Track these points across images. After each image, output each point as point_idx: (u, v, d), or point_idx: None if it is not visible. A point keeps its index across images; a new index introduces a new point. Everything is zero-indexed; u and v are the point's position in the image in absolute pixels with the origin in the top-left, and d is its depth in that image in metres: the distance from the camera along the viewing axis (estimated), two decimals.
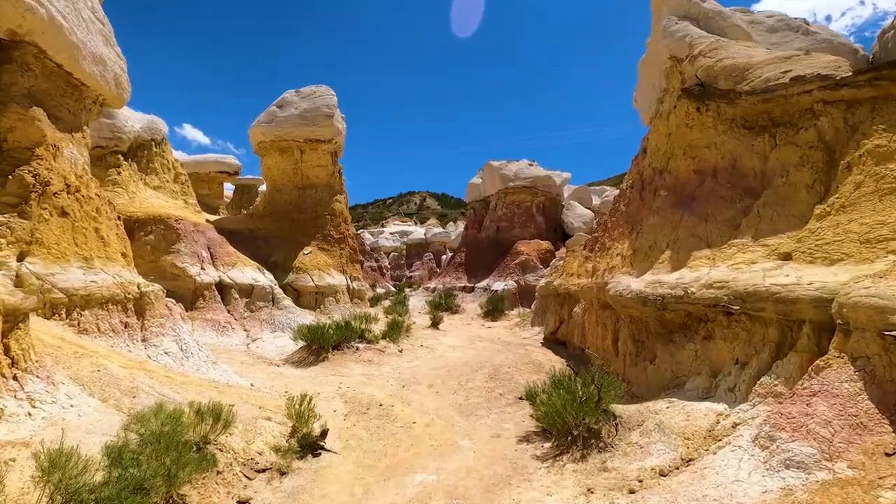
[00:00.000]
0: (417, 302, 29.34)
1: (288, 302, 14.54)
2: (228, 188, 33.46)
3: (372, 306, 26.68)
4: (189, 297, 12.95)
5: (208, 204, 25.54)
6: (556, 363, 11.99)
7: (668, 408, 5.91)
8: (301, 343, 11.13)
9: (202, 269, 13.46)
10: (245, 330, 12.87)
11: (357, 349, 11.54)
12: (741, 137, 8.47)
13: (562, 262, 17.71)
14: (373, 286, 37.65)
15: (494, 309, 22.30)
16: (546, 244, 29.19)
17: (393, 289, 40.44)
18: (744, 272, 6.29)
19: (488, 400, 8.29)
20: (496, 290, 25.89)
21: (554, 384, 6.73)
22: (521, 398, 8.52)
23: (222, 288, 13.77)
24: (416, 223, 76.86)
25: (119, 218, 8.96)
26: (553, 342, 15.73)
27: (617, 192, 44.44)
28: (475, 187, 36.56)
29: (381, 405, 7.53)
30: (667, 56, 10.90)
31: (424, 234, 59.35)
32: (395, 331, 13.47)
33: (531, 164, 34.58)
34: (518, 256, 27.84)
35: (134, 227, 13.44)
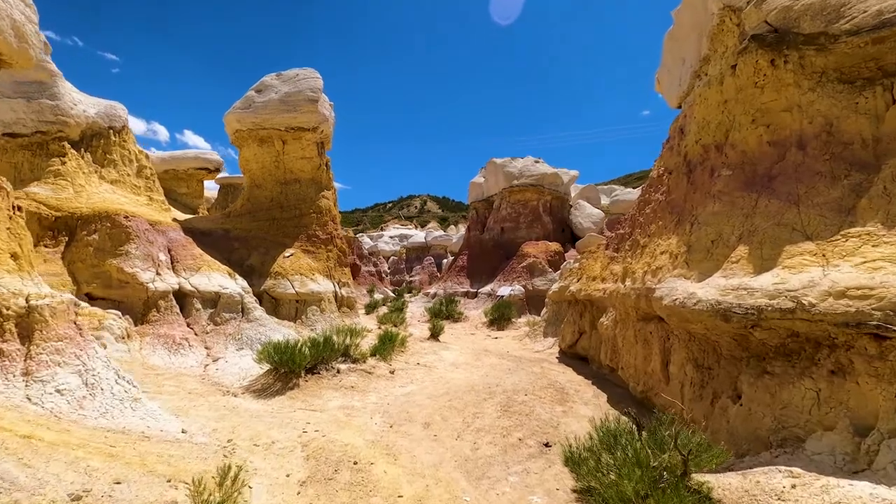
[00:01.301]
0: (417, 308, 27.18)
1: (260, 312, 12.38)
2: (214, 188, 31.40)
3: (367, 314, 24.49)
4: (139, 308, 10.83)
5: (187, 204, 23.42)
6: (580, 387, 9.84)
7: (794, 488, 3.76)
8: (267, 366, 8.99)
9: (157, 274, 11.34)
10: (206, 347, 10.72)
11: (338, 371, 9.40)
12: (837, 95, 6.37)
13: (577, 264, 15.54)
14: (370, 292, 35.49)
15: (501, 317, 20.11)
16: (555, 245, 27.02)
17: (392, 294, 38.32)
18: (894, 274, 4.17)
19: (504, 450, 6.12)
20: (502, 296, 23.71)
21: (605, 442, 4.58)
22: (547, 444, 6.38)
23: (182, 297, 11.64)
24: (416, 227, 74.85)
25: (19, 209, 6.86)
26: (571, 357, 13.57)
27: (628, 189, 42.06)
28: (478, 186, 34.50)
29: (355, 463, 5.38)
30: (717, 8, 8.80)
31: (425, 238, 57.36)
32: (386, 346, 11.33)
33: (537, 162, 32.53)
34: (525, 259, 25.64)
35: (77, 225, 11.36)
